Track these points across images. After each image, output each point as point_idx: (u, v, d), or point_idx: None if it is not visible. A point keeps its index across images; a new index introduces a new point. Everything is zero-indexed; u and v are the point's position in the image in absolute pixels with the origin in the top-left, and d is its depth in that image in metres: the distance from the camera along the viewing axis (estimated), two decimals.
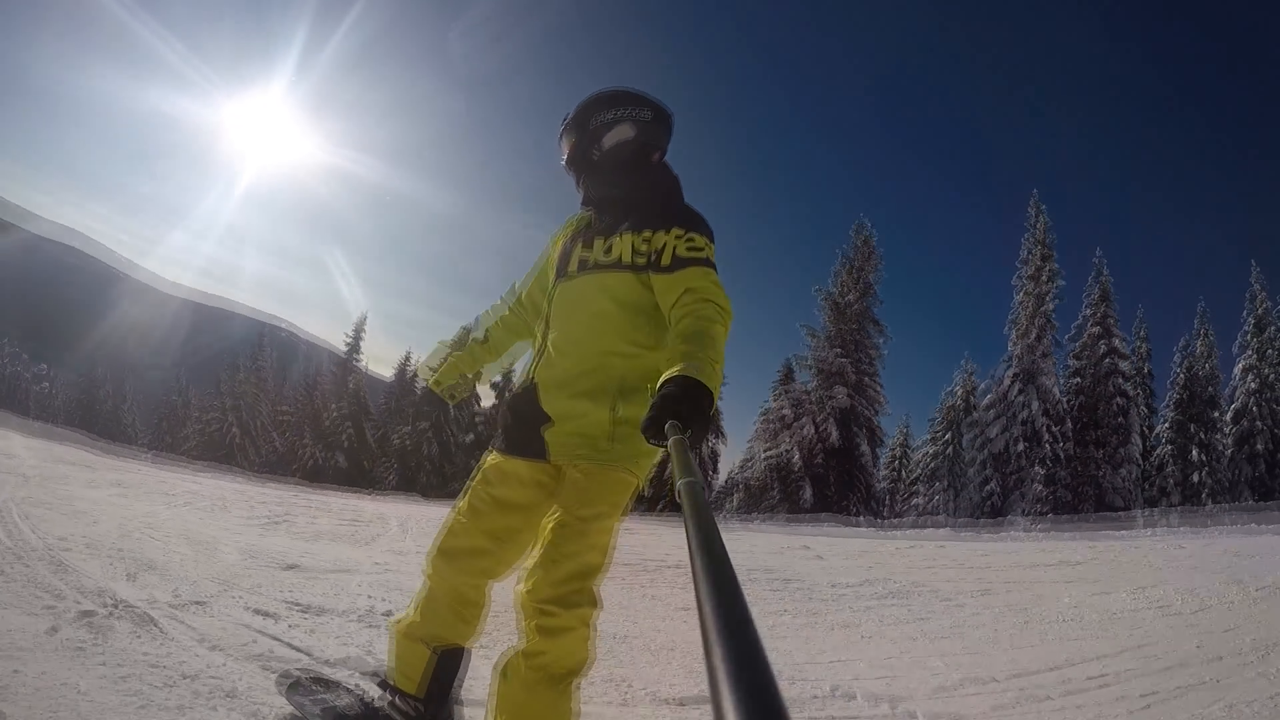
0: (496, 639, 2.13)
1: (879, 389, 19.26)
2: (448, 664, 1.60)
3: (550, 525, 1.50)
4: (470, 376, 1.97)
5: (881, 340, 19.71)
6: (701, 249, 1.54)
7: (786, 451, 18.25)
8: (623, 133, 1.67)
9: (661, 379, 1.23)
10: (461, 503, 1.67)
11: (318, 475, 22.25)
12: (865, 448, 18.59)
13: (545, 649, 1.39)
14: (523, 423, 1.63)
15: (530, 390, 1.64)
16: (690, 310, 1.43)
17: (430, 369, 1.96)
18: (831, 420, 18.29)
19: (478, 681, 1.81)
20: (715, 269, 1.54)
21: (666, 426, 1.08)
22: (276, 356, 30.00)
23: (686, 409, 1.14)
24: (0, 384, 63.33)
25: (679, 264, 1.51)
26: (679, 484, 0.72)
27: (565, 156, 1.73)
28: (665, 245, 1.54)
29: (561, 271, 1.69)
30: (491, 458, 1.69)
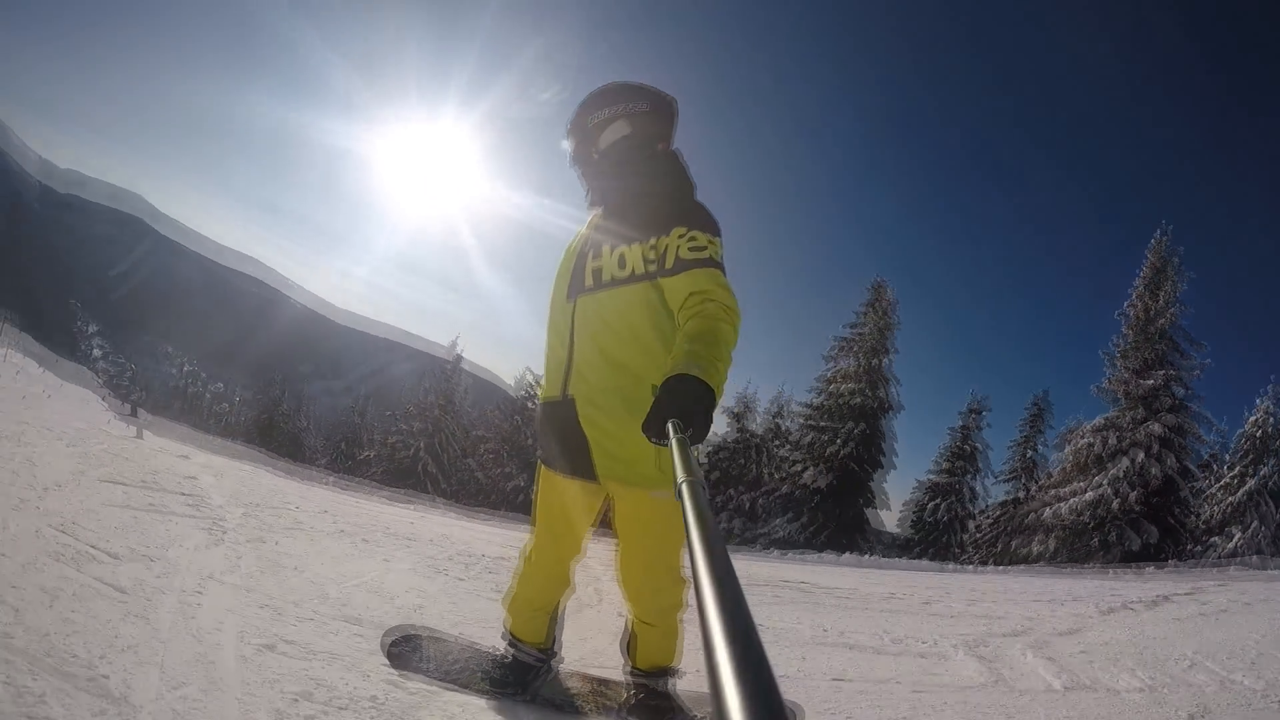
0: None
1: (1198, 413, 16.37)
2: (556, 615, 1.95)
3: (623, 559, 1.76)
4: None
5: (1196, 355, 16.71)
6: (704, 248, 1.52)
7: (1102, 491, 15.80)
8: (618, 129, 1.66)
9: (664, 377, 1.25)
10: (536, 513, 1.88)
11: (526, 509, 21.89)
12: (1181, 484, 15.86)
13: (653, 633, 1.82)
14: (565, 445, 1.68)
15: (568, 406, 1.66)
16: (696, 311, 1.44)
17: None
18: (1147, 454, 15.66)
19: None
20: (721, 267, 1.52)
21: (668, 425, 1.06)
22: (456, 385, 30.29)
23: (688, 407, 1.16)
24: (183, 401, 70.87)
25: (681, 266, 1.51)
26: (680, 483, 0.72)
27: (569, 157, 1.75)
28: (668, 248, 1.54)
29: (579, 285, 1.68)
30: (544, 476, 1.83)
